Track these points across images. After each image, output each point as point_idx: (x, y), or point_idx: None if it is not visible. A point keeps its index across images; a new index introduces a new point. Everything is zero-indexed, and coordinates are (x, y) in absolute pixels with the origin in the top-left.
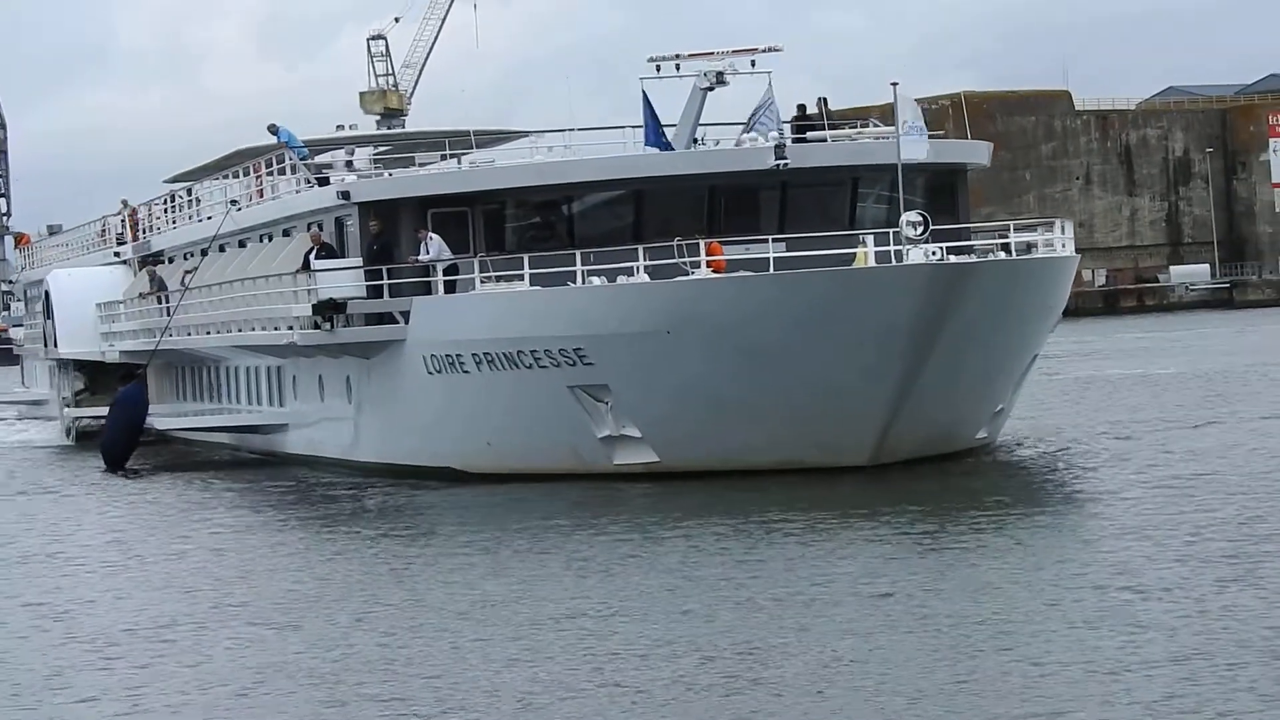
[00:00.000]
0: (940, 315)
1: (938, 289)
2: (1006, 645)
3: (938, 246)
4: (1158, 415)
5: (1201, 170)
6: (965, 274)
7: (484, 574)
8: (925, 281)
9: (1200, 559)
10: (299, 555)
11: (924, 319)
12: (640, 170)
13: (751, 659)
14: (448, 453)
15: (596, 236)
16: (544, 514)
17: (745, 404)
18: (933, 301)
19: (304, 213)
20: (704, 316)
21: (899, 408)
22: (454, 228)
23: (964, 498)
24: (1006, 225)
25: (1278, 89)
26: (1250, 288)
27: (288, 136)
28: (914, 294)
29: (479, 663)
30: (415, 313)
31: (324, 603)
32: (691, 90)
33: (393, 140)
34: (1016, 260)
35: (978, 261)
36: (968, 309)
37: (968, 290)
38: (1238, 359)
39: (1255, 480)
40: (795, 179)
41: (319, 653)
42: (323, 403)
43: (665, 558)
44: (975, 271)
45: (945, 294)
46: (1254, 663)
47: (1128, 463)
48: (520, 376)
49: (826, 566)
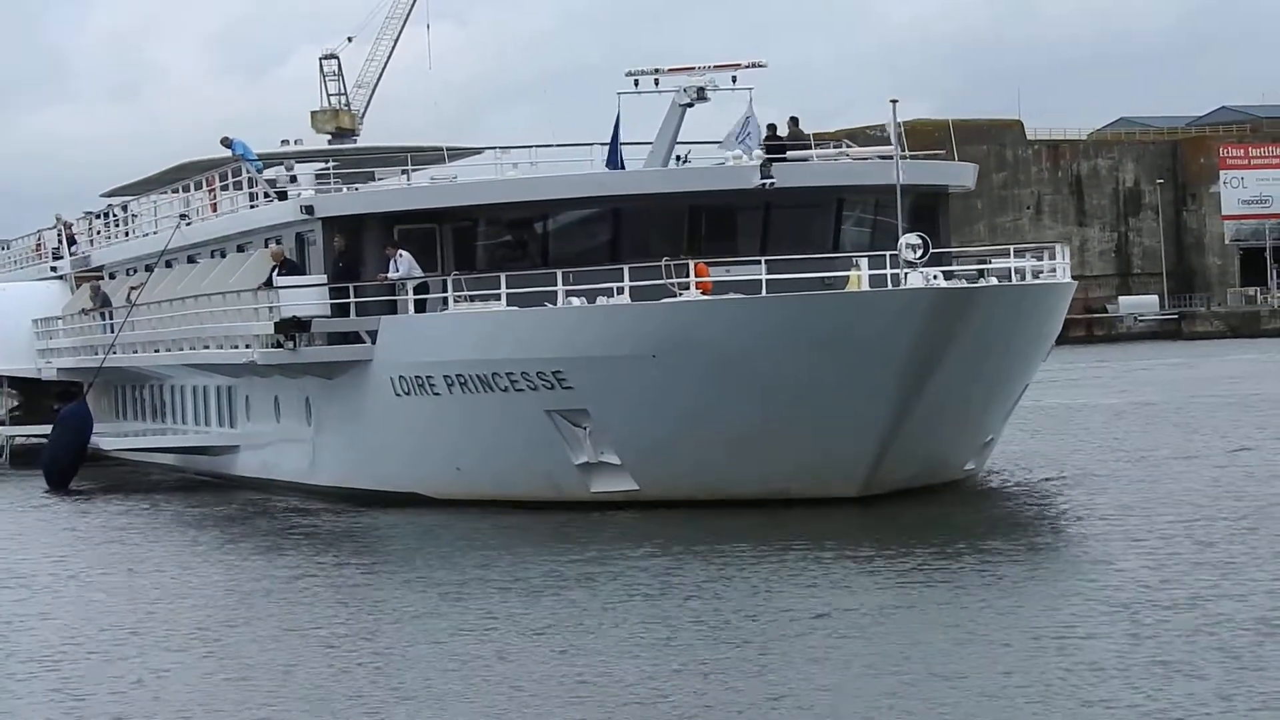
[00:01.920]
0: (942, 342)
1: (941, 314)
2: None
3: (938, 270)
4: (1128, 446)
5: (1152, 201)
6: (969, 300)
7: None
8: (928, 306)
9: (1182, 599)
10: (238, 578)
11: (925, 345)
12: (618, 188)
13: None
14: (414, 478)
15: (571, 256)
16: (499, 542)
17: (733, 432)
18: (935, 327)
19: (262, 228)
20: (693, 340)
21: (894, 437)
22: (421, 245)
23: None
24: (1006, 250)
25: (1229, 121)
26: (1199, 319)
27: (242, 149)
28: (916, 319)
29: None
30: (383, 332)
31: (245, 627)
32: (670, 106)
33: (356, 155)
34: (1020, 286)
35: (982, 287)
36: (969, 335)
37: (971, 316)
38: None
39: (1236, 510)
40: (778, 199)
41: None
42: (278, 424)
43: (601, 588)
44: (979, 297)
45: (948, 320)
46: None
47: (1120, 497)
48: (495, 399)
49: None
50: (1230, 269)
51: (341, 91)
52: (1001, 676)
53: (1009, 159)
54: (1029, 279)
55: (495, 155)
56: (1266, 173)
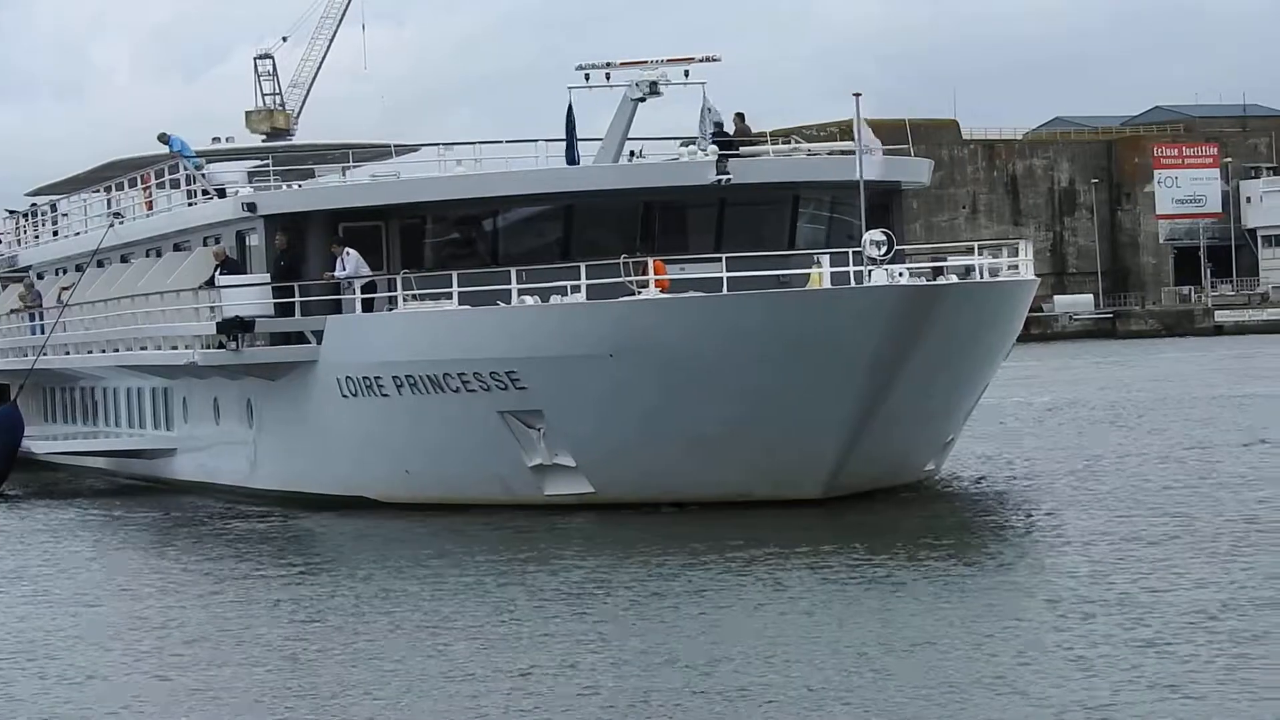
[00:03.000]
0: (908, 340)
1: (908, 312)
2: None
3: (903, 268)
4: (1073, 444)
5: (1087, 200)
6: (937, 297)
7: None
8: (895, 304)
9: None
10: (169, 582)
11: (891, 344)
12: (570, 184)
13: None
14: (361, 481)
15: (522, 254)
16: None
17: (693, 433)
18: (901, 326)
19: (200, 226)
20: (652, 339)
21: (858, 437)
22: (367, 243)
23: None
24: (969, 246)
25: (1163, 121)
26: (1133, 318)
27: (180, 146)
28: (882, 317)
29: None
30: (329, 332)
31: (172, 630)
32: (621, 100)
33: (296, 151)
34: (987, 283)
35: (950, 284)
36: (936, 334)
37: (938, 314)
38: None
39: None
40: (734, 196)
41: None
42: (218, 426)
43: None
44: (947, 295)
45: (915, 318)
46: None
47: (1078, 497)
48: (446, 400)
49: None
50: (1164, 268)
51: (276, 91)
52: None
53: (945, 159)
54: (991, 276)
55: (439, 152)
56: (1200, 172)
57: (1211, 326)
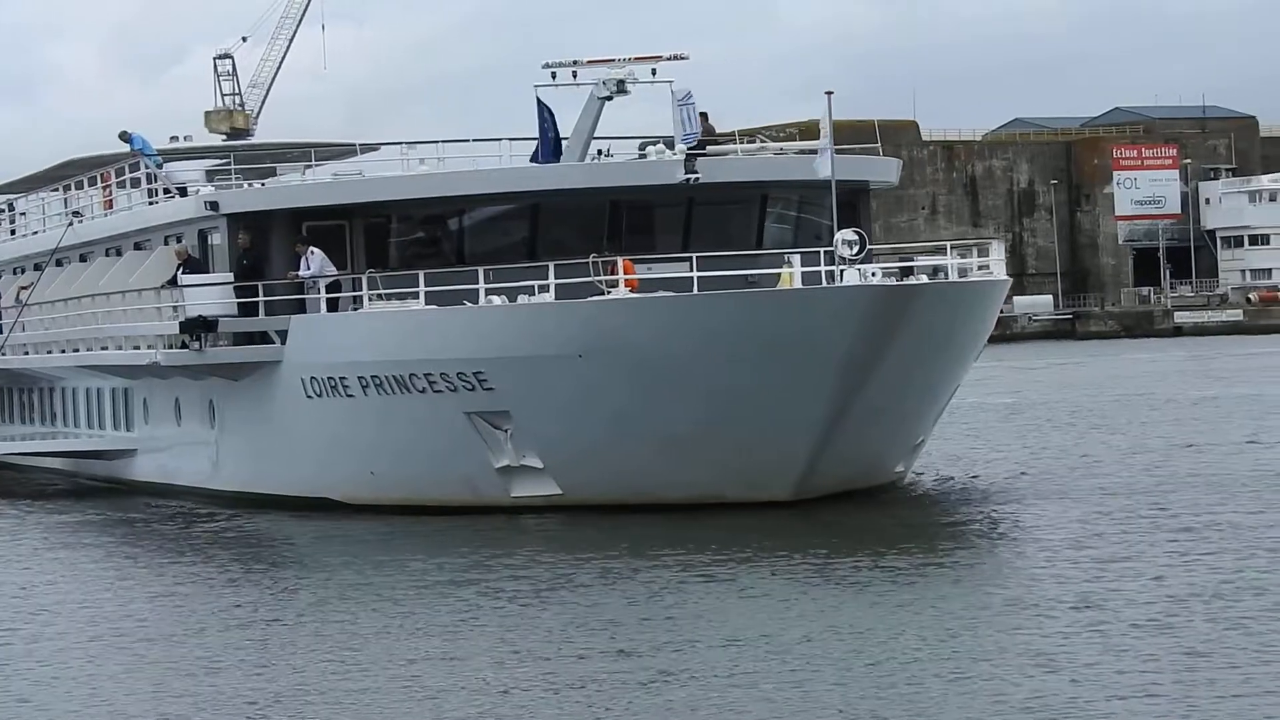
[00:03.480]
0: (882, 341)
1: (882, 312)
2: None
3: (876, 267)
4: (1037, 445)
5: (1046, 202)
6: (911, 297)
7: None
8: (869, 304)
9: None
10: (126, 582)
11: (864, 344)
12: (537, 183)
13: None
14: (325, 482)
15: (488, 253)
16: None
17: (663, 434)
18: (875, 325)
19: (161, 225)
20: (622, 339)
21: (829, 439)
22: (331, 242)
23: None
24: (942, 246)
25: (1122, 122)
26: (1092, 319)
27: (141, 144)
28: (856, 317)
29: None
30: (294, 332)
31: (125, 634)
32: (588, 98)
33: (258, 150)
34: (962, 283)
35: (925, 284)
36: (910, 334)
37: (913, 315)
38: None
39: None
40: (702, 195)
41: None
42: (179, 427)
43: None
44: (921, 294)
45: (890, 318)
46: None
47: (1050, 500)
48: (412, 401)
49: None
50: (1124, 269)
51: (236, 92)
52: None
53: (905, 160)
54: (961, 276)
55: (401, 150)
56: (1159, 173)
57: (1171, 328)
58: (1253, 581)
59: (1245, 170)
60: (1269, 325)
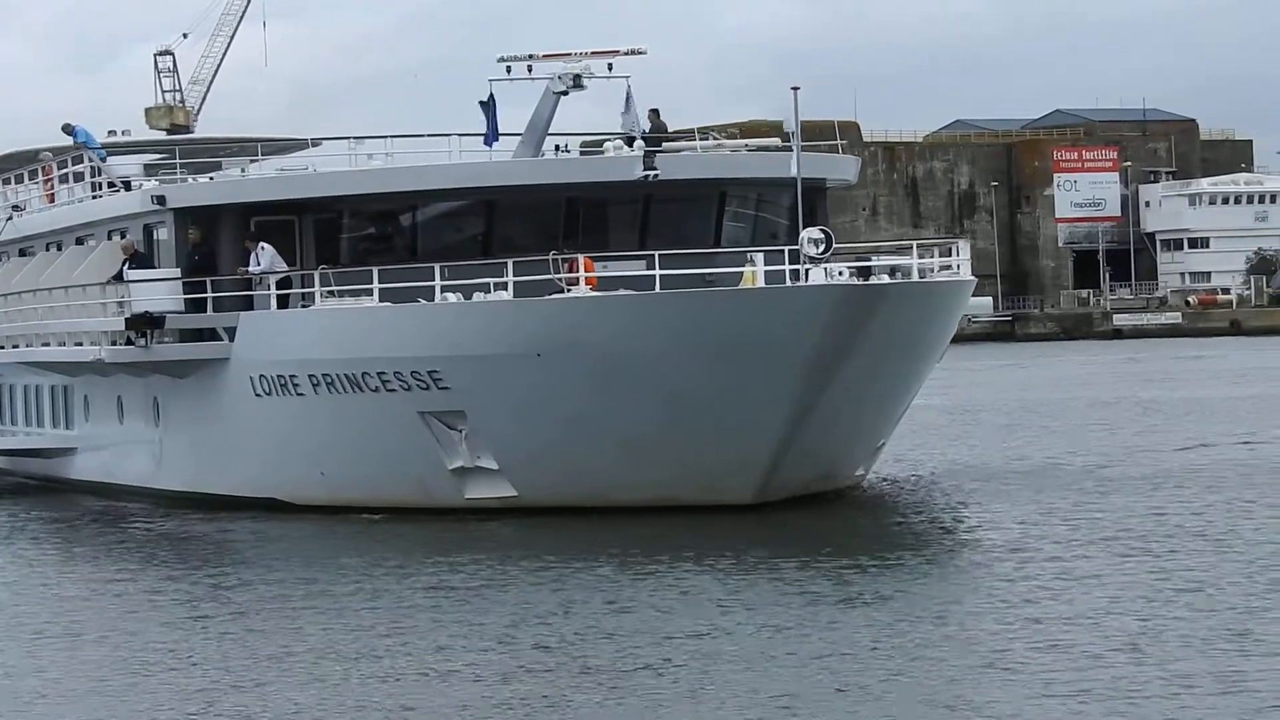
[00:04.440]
0: (849, 341)
1: (849, 312)
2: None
3: (844, 266)
4: (998, 447)
5: (986, 203)
6: (879, 297)
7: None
8: (836, 304)
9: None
10: (59, 584)
11: (830, 344)
12: (492, 179)
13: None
14: (273, 482)
15: (441, 249)
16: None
17: (622, 435)
18: (841, 326)
19: (106, 219)
20: (582, 339)
21: (792, 441)
22: (280, 238)
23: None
24: (908, 245)
25: (1063, 124)
26: (1032, 321)
27: (85, 137)
28: (824, 317)
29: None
30: (243, 329)
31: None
32: (544, 93)
33: (204, 145)
34: (930, 283)
35: (894, 284)
36: (877, 334)
37: (881, 315)
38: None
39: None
40: (659, 192)
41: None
42: (121, 425)
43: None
44: (890, 294)
45: (857, 318)
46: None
47: (999, 500)
48: (364, 400)
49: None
50: (1064, 271)
51: (176, 88)
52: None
53: None
54: (921, 276)
55: (350, 145)
56: (1099, 176)
57: (1110, 330)
58: (1189, 580)
59: (1185, 173)
60: (1207, 328)
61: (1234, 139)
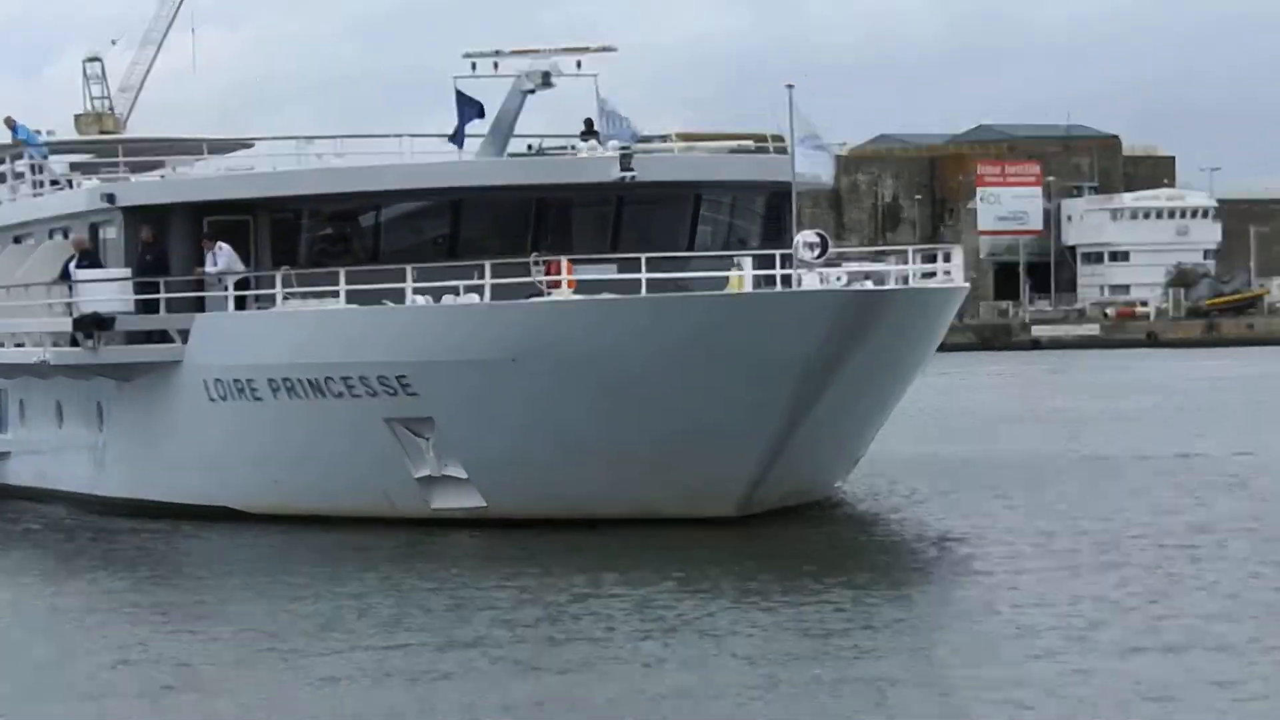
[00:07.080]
0: (843, 349)
1: (846, 319)
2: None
3: (841, 271)
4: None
5: (910, 216)
6: (879, 303)
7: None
8: (834, 310)
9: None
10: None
11: (825, 352)
12: (459, 179)
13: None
14: (225, 491)
15: (405, 251)
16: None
17: (599, 444)
18: (838, 333)
19: (49, 218)
20: (559, 344)
21: (779, 452)
22: (234, 238)
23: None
24: (904, 250)
25: (987, 139)
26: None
27: (26, 134)
28: (818, 324)
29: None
30: (197, 331)
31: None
32: (510, 91)
33: (145, 144)
34: (929, 289)
35: (894, 289)
36: (874, 342)
37: (880, 322)
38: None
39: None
40: (633, 194)
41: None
42: (60, 430)
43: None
44: (892, 300)
45: (853, 325)
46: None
47: (976, 516)
48: (327, 406)
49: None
50: (985, 283)
51: (105, 95)
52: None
53: None
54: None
55: (298, 145)
56: (1022, 190)
57: (1028, 340)
58: (1167, 589)
59: (1108, 188)
60: (1124, 339)
61: (1157, 155)
